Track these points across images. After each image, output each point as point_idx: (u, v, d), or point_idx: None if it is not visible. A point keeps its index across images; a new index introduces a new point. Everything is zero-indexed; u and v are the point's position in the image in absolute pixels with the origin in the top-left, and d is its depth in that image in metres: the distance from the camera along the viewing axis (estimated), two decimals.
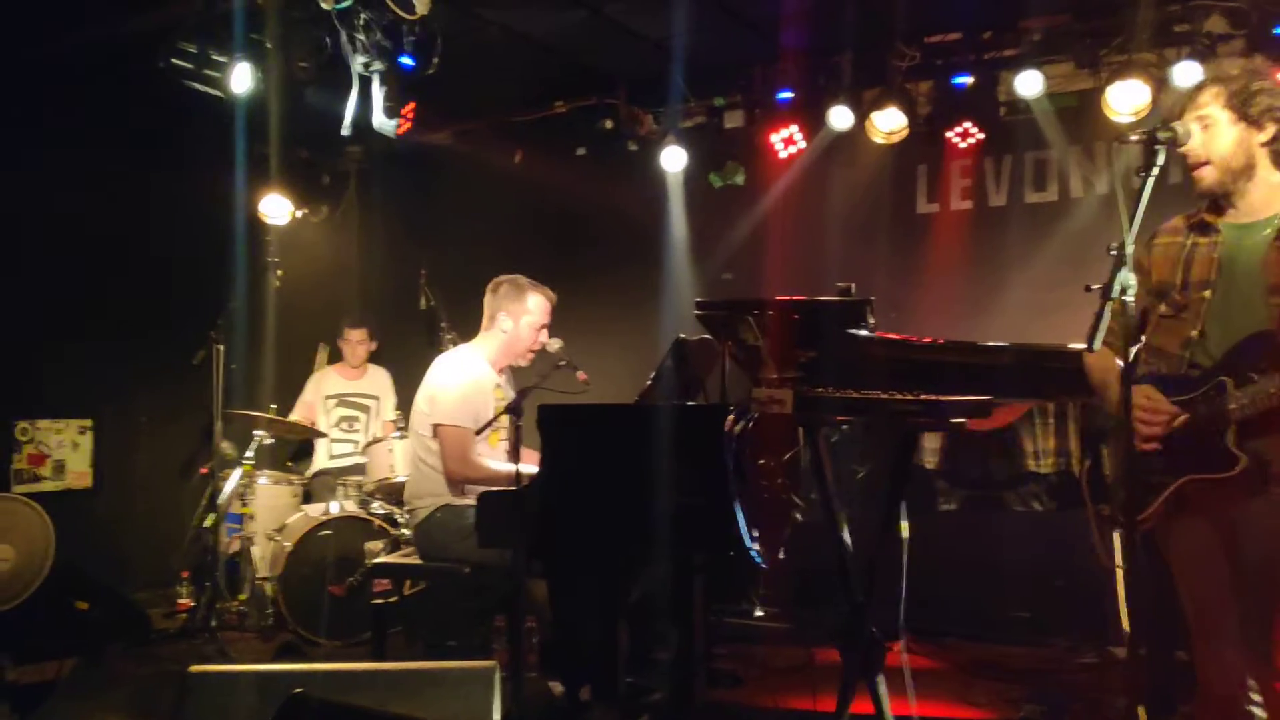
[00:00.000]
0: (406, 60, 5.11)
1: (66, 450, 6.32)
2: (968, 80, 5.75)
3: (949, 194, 6.18)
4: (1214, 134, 2.77)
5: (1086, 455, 3.43)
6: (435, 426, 4.32)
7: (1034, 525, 5.26)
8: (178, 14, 5.17)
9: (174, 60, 5.15)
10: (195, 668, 2.77)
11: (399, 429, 5.99)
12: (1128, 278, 2.44)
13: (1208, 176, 2.80)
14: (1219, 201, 2.84)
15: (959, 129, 5.84)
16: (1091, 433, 3.66)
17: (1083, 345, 2.60)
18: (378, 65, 5.03)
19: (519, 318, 4.45)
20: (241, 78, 5.18)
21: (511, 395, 4.18)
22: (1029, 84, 5.46)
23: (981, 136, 5.84)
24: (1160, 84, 5.17)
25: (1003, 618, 5.51)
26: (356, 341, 6.67)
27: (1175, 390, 2.69)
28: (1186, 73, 5.07)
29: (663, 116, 6.59)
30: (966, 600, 5.57)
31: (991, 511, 4.27)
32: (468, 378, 4.38)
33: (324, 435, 6.51)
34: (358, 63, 5.01)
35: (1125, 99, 5.21)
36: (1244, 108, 2.73)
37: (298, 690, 2.42)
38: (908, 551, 3.43)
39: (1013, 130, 5.90)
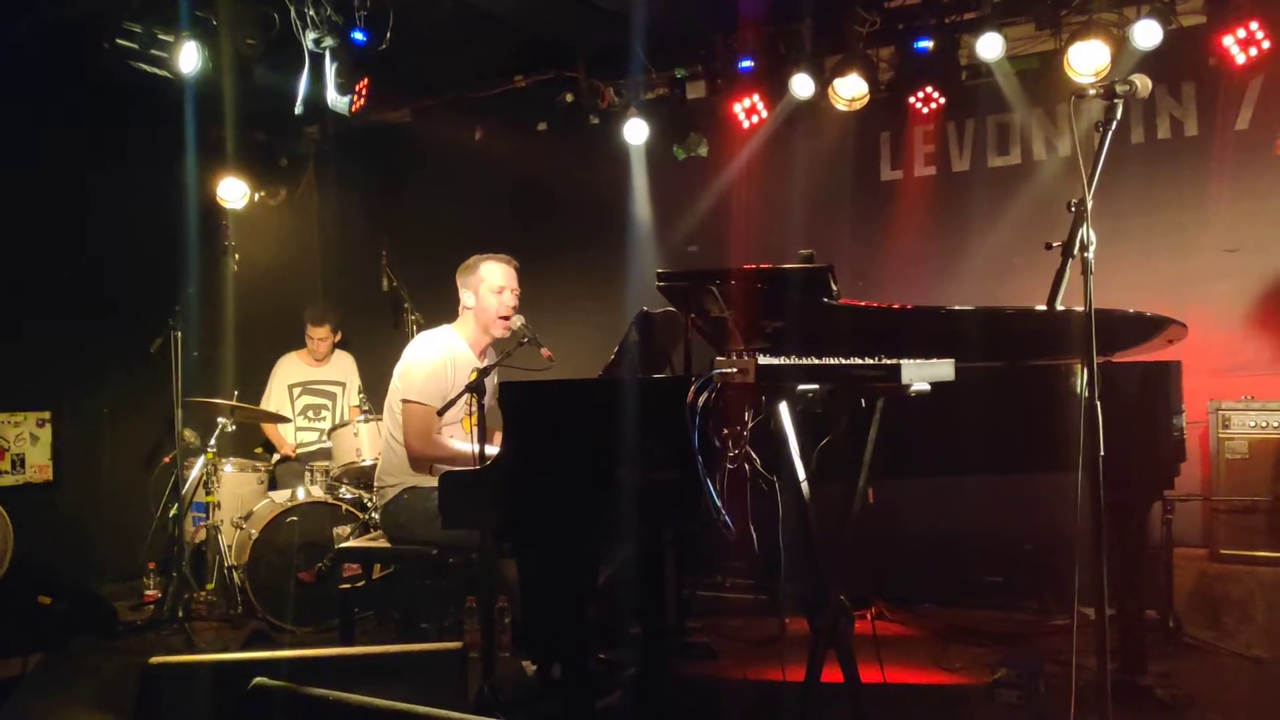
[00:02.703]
0: (359, 36, 5.02)
1: (25, 443, 6.21)
2: (929, 44, 5.69)
3: (912, 160, 6.16)
4: None
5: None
6: (403, 403, 4.29)
7: (1002, 491, 5.29)
8: None
9: (119, 41, 5.03)
10: (156, 659, 2.72)
11: (364, 413, 5.92)
12: (1089, 234, 2.41)
13: None
14: None
15: (921, 94, 5.80)
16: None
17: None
18: (329, 41, 4.94)
19: (476, 288, 4.45)
20: (189, 57, 5.07)
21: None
22: (990, 47, 5.42)
23: (943, 101, 5.80)
24: (1120, 43, 5.16)
25: (975, 583, 5.53)
26: (319, 339, 6.59)
27: None
28: (1146, 32, 5.06)
29: (624, 89, 6.52)
30: (938, 567, 5.60)
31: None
32: (440, 355, 4.34)
33: (287, 420, 6.43)
34: (308, 39, 4.91)
35: (1086, 59, 5.20)
36: None
37: (257, 679, 2.38)
38: (878, 520, 3.41)
39: (975, 94, 5.87)
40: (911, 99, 5.83)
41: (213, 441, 5.83)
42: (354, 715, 2.24)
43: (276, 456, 6.44)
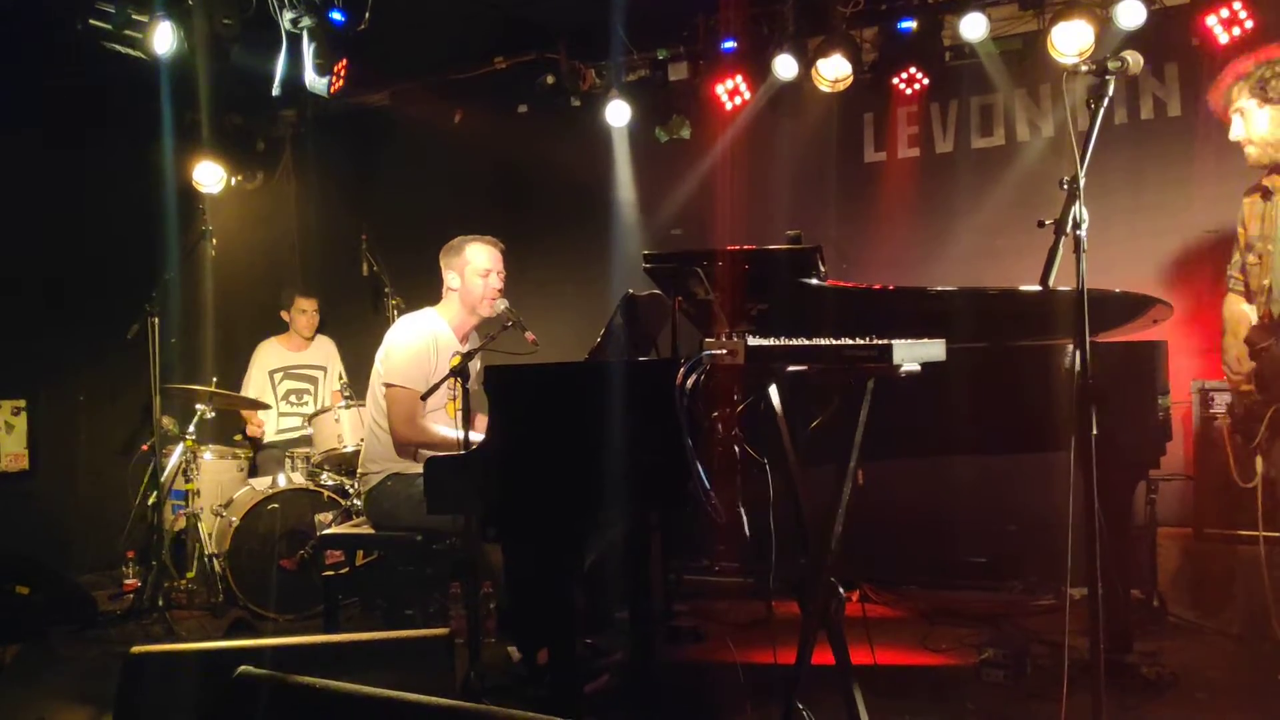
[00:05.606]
0: (337, 15, 4.95)
1: (0, 432, 6.13)
2: (912, 25, 5.67)
3: (896, 142, 6.14)
4: (1249, 120, 3.57)
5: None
6: (385, 387, 4.24)
7: (986, 471, 5.29)
8: None
9: (92, 21, 4.93)
10: (138, 648, 2.69)
11: (345, 398, 5.86)
12: (1081, 212, 2.39)
13: (1251, 154, 3.66)
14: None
15: (904, 75, 5.78)
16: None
17: (1035, 287, 2.57)
18: (307, 21, 4.86)
19: (461, 270, 4.40)
20: (163, 38, 4.98)
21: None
22: (973, 27, 5.40)
23: (927, 82, 5.78)
24: (1104, 23, 5.15)
25: (959, 564, 5.54)
26: (311, 312, 6.52)
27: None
28: (1130, 11, 5.05)
29: (605, 70, 6.47)
30: (924, 548, 5.61)
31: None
32: (422, 338, 4.30)
33: (268, 406, 6.36)
34: (286, 19, 4.83)
35: (1069, 39, 5.19)
36: (1264, 92, 3.51)
37: (242, 668, 2.34)
38: (863, 501, 3.39)
39: (958, 75, 5.87)
40: (895, 80, 5.81)
41: (191, 428, 5.77)
42: (340, 703, 2.22)
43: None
